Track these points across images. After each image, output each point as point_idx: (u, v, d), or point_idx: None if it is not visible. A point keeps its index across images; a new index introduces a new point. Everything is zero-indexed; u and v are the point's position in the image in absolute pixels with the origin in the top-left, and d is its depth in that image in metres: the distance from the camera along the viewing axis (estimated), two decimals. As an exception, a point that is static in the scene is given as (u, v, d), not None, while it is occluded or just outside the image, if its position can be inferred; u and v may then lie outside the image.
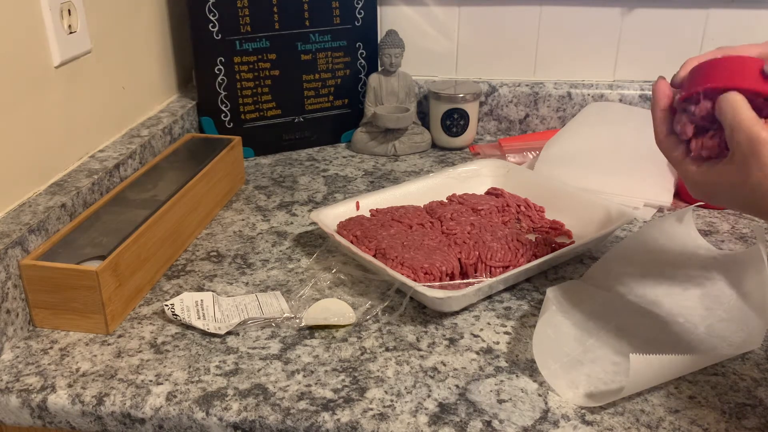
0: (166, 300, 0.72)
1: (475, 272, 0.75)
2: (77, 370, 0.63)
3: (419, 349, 0.65)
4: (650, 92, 1.14)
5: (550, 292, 0.66)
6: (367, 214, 0.85)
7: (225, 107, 1.09)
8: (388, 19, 1.18)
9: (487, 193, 0.92)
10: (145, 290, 0.74)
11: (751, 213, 0.53)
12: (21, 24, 0.73)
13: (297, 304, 0.71)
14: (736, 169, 0.51)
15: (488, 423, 0.56)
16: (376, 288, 0.75)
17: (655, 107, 0.58)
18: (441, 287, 0.70)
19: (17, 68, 0.73)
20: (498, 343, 0.66)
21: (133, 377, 0.62)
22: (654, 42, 1.14)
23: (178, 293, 0.74)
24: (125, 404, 0.59)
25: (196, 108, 1.09)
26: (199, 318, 0.68)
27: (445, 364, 0.63)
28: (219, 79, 1.07)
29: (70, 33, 0.81)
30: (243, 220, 0.91)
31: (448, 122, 1.12)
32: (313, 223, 0.86)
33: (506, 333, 0.68)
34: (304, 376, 0.61)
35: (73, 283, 0.66)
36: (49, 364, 0.64)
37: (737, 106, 0.51)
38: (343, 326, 0.68)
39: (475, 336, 0.67)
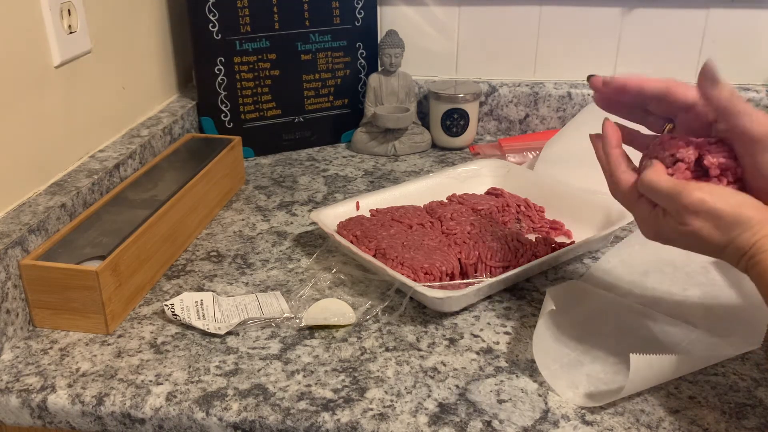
0: (166, 300, 0.72)
1: (475, 272, 0.75)
2: (77, 370, 0.63)
3: (419, 349, 0.65)
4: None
5: (550, 292, 0.66)
6: (367, 214, 0.85)
7: (225, 107, 1.09)
8: (388, 19, 1.18)
9: (487, 193, 0.92)
10: (145, 290, 0.74)
11: (696, 252, 0.56)
12: (21, 24, 0.73)
13: (297, 304, 0.71)
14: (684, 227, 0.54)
15: (488, 423, 0.56)
16: (376, 288, 0.75)
17: (608, 147, 0.60)
18: (441, 287, 0.70)
19: (17, 68, 0.73)
20: (498, 343, 0.66)
21: (133, 377, 0.62)
22: (654, 42, 1.14)
23: (178, 293, 0.74)
24: (125, 404, 0.59)
25: (196, 108, 1.09)
26: (199, 318, 0.68)
27: (445, 364, 0.63)
28: (219, 79, 1.07)
29: (70, 33, 0.81)
30: (243, 220, 0.91)
31: (448, 122, 1.12)
32: (313, 223, 0.86)
33: (506, 333, 0.67)
34: (304, 376, 0.61)
35: (73, 283, 0.66)
36: (49, 364, 0.64)
37: (652, 177, 0.55)
38: (343, 326, 0.68)
39: (475, 336, 0.67)
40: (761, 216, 0.51)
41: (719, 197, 0.52)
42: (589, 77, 0.61)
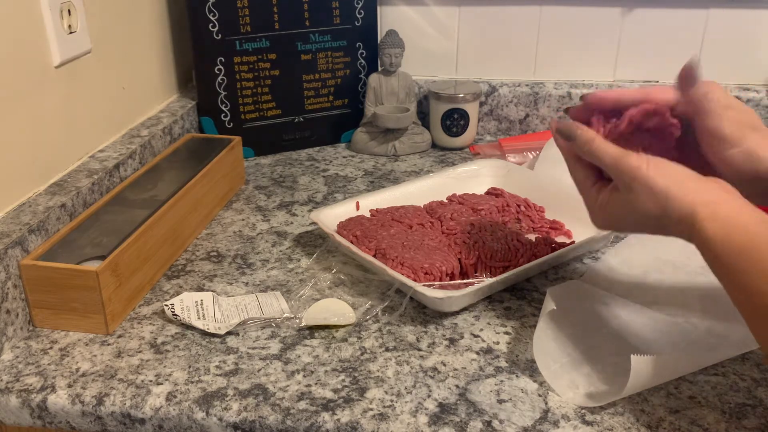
0: (166, 300, 0.72)
1: (475, 272, 0.75)
2: (77, 370, 0.63)
3: (419, 349, 0.65)
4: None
5: (550, 292, 0.66)
6: (367, 214, 0.85)
7: (225, 107, 1.09)
8: (388, 19, 1.18)
9: (487, 193, 0.92)
10: (145, 290, 0.74)
11: (653, 233, 0.56)
12: (21, 24, 0.73)
13: (297, 304, 0.71)
14: (625, 198, 0.55)
15: (488, 423, 0.56)
16: (376, 288, 0.75)
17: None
18: (441, 287, 0.70)
19: (17, 68, 0.73)
20: (498, 343, 0.66)
21: (133, 377, 0.62)
22: (654, 42, 1.14)
23: (178, 293, 0.74)
24: (125, 404, 0.59)
25: (196, 108, 1.09)
26: (199, 318, 0.68)
27: (445, 364, 0.63)
28: (219, 79, 1.07)
29: (70, 33, 0.81)
30: (243, 220, 0.91)
31: (448, 122, 1.12)
32: (313, 223, 0.86)
33: (506, 333, 0.68)
34: (304, 376, 0.61)
35: (73, 283, 0.66)
36: (49, 364, 0.64)
37: (600, 148, 0.57)
38: (343, 326, 0.68)
39: (475, 336, 0.67)
40: (694, 185, 0.52)
41: (655, 166, 0.53)
42: (566, 110, 0.66)
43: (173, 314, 0.69)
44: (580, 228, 0.83)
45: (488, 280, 0.70)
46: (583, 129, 0.58)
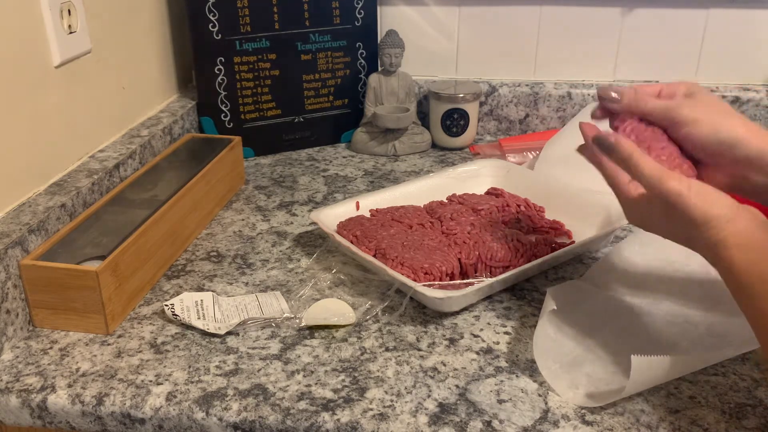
0: (166, 300, 0.72)
1: (475, 272, 0.75)
2: (77, 370, 0.63)
3: (419, 349, 0.65)
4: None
5: (550, 292, 0.66)
6: (367, 214, 0.85)
7: (225, 107, 1.09)
8: (388, 19, 1.18)
9: (487, 193, 0.92)
10: (145, 290, 0.74)
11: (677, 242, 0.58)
12: (21, 24, 0.73)
13: (297, 304, 0.71)
14: (661, 211, 0.56)
15: (488, 423, 0.56)
16: (376, 288, 0.75)
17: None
18: (441, 287, 0.70)
19: (17, 68, 0.73)
20: (498, 343, 0.66)
21: (133, 377, 0.62)
22: (654, 42, 1.14)
23: (178, 293, 0.74)
24: (125, 404, 0.59)
25: (196, 108, 1.09)
26: (199, 318, 0.68)
27: (445, 364, 0.63)
28: (219, 79, 1.07)
29: (70, 33, 0.81)
30: (243, 220, 0.91)
31: (448, 122, 1.12)
32: (313, 223, 0.86)
33: (506, 333, 0.68)
34: (304, 376, 0.61)
35: (73, 283, 0.66)
36: (49, 364, 0.64)
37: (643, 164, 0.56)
38: (343, 326, 0.68)
39: (475, 336, 0.67)
40: (730, 213, 0.53)
41: (696, 194, 0.53)
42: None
43: (173, 314, 0.69)
44: (580, 228, 0.84)
45: (488, 280, 0.70)
46: (621, 143, 0.58)
